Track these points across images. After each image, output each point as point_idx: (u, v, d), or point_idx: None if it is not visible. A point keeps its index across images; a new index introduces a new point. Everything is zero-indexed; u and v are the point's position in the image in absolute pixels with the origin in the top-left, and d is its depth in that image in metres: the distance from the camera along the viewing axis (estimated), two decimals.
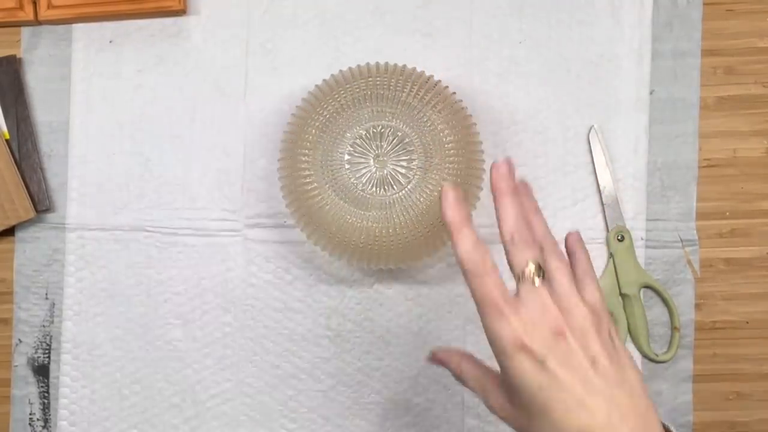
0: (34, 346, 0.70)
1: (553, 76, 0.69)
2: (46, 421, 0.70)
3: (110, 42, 0.70)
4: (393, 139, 0.61)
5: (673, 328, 0.68)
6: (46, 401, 0.70)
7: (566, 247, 0.50)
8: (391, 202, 0.61)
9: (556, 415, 0.43)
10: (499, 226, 0.46)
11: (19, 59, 0.70)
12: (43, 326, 0.70)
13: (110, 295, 0.70)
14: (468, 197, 0.63)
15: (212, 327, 0.69)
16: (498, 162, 0.46)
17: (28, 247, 0.70)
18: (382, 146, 0.61)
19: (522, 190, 0.48)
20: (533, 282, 0.45)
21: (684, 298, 0.68)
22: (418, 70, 0.64)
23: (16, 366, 0.70)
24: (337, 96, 0.62)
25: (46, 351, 0.70)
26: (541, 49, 0.69)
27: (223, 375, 0.69)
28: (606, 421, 0.43)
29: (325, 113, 0.62)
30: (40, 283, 0.70)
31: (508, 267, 0.70)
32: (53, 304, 0.70)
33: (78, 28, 0.70)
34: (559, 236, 0.68)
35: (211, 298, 0.69)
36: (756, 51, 0.69)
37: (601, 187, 0.68)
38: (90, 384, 0.70)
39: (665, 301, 0.68)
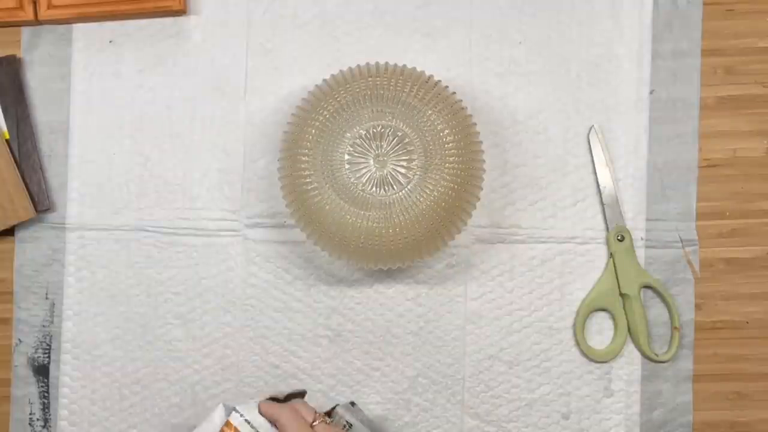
0: (34, 346, 0.70)
1: (553, 76, 0.69)
2: (46, 421, 0.70)
3: (110, 42, 0.70)
4: (393, 139, 0.61)
5: (673, 328, 0.68)
6: (46, 401, 0.70)
7: None
8: (391, 202, 0.61)
9: None
10: None
11: (19, 59, 0.70)
12: (43, 326, 0.70)
13: (110, 295, 0.70)
14: (468, 197, 0.63)
15: (212, 327, 0.69)
16: None
17: (28, 247, 0.70)
18: (382, 146, 0.61)
19: None
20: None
21: (684, 298, 0.68)
22: (418, 70, 0.64)
23: (16, 366, 0.70)
24: (337, 96, 0.62)
25: (46, 351, 0.70)
26: (541, 49, 0.69)
27: (223, 375, 0.69)
28: None
29: (325, 113, 0.62)
30: (40, 283, 0.70)
31: (502, 264, 0.70)
32: (53, 304, 0.70)
33: (78, 28, 0.70)
34: (560, 236, 0.68)
35: (211, 298, 0.69)
36: (756, 51, 0.69)
37: (601, 187, 0.68)
38: (90, 384, 0.70)
39: (665, 301, 0.68)
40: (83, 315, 0.70)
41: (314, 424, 0.61)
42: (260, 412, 0.61)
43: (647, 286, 0.68)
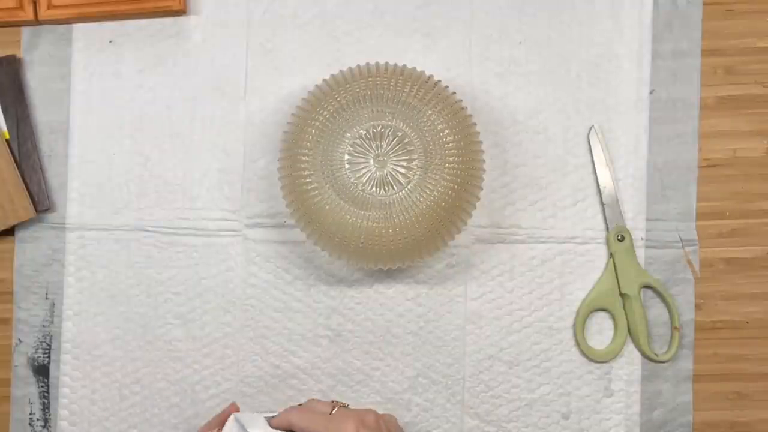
0: (34, 346, 0.70)
1: (553, 76, 0.69)
2: (46, 421, 0.70)
3: (110, 42, 0.70)
4: (393, 139, 0.61)
5: (673, 328, 0.68)
6: (46, 401, 0.70)
7: None
8: (391, 202, 0.61)
9: None
10: None
11: (19, 59, 0.70)
12: (43, 326, 0.70)
13: (110, 295, 0.70)
14: (468, 197, 0.63)
15: (212, 327, 0.69)
16: None
17: (28, 247, 0.70)
18: (382, 146, 0.61)
19: None
20: None
21: (684, 298, 0.68)
22: (418, 70, 0.64)
23: (16, 366, 0.70)
24: (337, 96, 0.62)
25: (46, 351, 0.70)
26: (541, 49, 0.69)
27: (223, 375, 0.69)
28: None
29: (325, 113, 0.62)
30: (40, 283, 0.70)
31: (502, 264, 0.70)
32: (53, 304, 0.70)
33: (78, 28, 0.70)
34: (560, 236, 0.68)
35: (211, 298, 0.69)
36: (756, 51, 0.69)
37: (601, 187, 0.68)
38: (90, 384, 0.70)
39: (665, 301, 0.68)
40: (83, 315, 0.70)
41: (333, 411, 0.60)
42: (272, 426, 0.59)
43: (647, 286, 0.68)
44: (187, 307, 0.70)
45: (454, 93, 0.64)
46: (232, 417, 0.60)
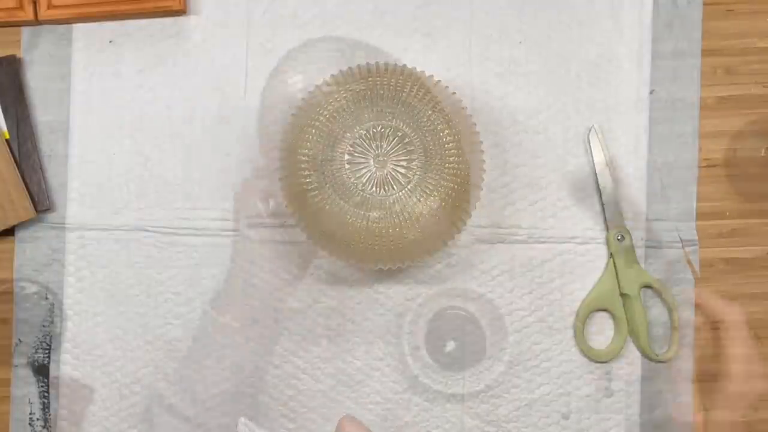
0: (34, 346, 0.70)
1: (553, 76, 0.69)
2: (46, 421, 0.70)
3: (110, 42, 0.70)
4: (393, 139, 0.61)
5: (673, 328, 0.68)
6: (46, 401, 0.70)
7: None
8: (391, 202, 0.61)
9: None
10: None
11: (19, 59, 0.70)
12: (43, 326, 0.70)
13: (110, 295, 0.70)
14: (468, 197, 0.63)
15: (212, 327, 0.69)
16: None
17: (28, 247, 0.70)
18: (382, 146, 0.61)
19: None
20: None
21: (684, 298, 0.68)
22: (418, 70, 0.64)
23: (16, 366, 0.70)
24: (337, 96, 0.62)
25: (46, 351, 0.70)
26: (541, 49, 0.69)
27: (223, 375, 0.69)
28: None
29: (325, 113, 0.62)
30: (40, 283, 0.70)
31: (502, 264, 0.70)
32: (53, 304, 0.70)
33: (78, 28, 0.70)
34: (560, 236, 0.68)
35: (211, 298, 0.69)
36: (756, 51, 0.69)
37: (601, 187, 0.68)
38: (90, 384, 0.70)
39: (665, 301, 0.68)
40: (83, 315, 0.70)
41: None
42: None
43: (647, 286, 0.68)
44: (187, 307, 0.70)
45: (454, 93, 0.64)
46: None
